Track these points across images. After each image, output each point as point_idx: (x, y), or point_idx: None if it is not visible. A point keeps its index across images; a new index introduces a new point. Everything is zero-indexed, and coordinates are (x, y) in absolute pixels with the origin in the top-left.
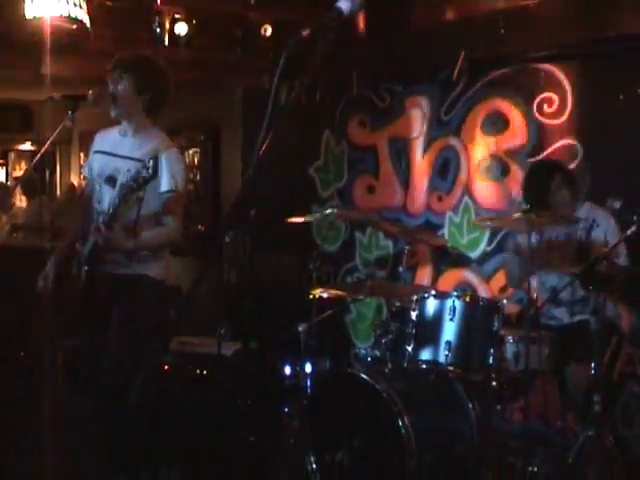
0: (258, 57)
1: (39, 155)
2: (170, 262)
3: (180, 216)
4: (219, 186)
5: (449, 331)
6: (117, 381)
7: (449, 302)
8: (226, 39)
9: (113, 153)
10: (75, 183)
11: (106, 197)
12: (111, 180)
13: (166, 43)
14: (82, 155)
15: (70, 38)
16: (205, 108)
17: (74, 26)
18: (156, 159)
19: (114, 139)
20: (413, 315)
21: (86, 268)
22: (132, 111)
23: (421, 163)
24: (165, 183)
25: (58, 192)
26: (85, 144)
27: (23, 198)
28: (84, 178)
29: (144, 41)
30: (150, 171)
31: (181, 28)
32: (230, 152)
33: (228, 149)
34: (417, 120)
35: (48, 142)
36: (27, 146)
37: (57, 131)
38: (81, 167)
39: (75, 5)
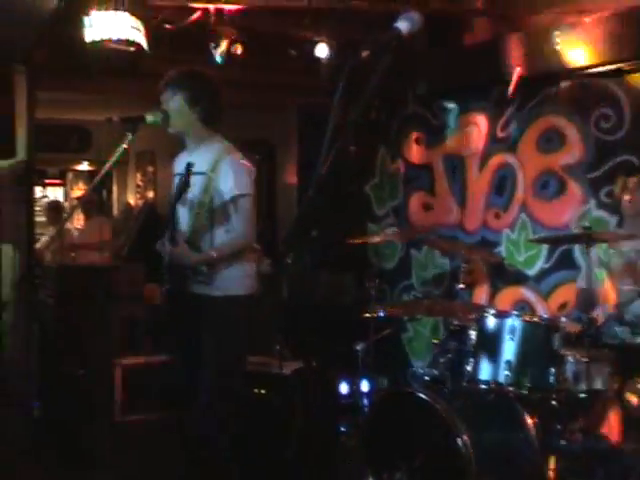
0: (313, 76)
1: (99, 177)
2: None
3: (251, 220)
4: (274, 206)
5: (509, 350)
6: (210, 409)
7: (509, 321)
8: (281, 59)
9: (182, 172)
10: (132, 202)
11: (182, 217)
12: (185, 199)
13: (222, 64)
14: (138, 175)
15: (128, 61)
16: (260, 128)
17: (132, 49)
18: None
19: (183, 159)
20: (472, 334)
21: (167, 287)
22: (188, 125)
23: (477, 180)
24: (232, 188)
25: (115, 211)
26: (141, 164)
27: (81, 217)
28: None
29: (200, 62)
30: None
31: (237, 49)
32: (285, 172)
33: (283, 169)
34: (472, 137)
35: (109, 164)
36: (84, 166)
37: (117, 153)
38: (137, 186)
39: (133, 28)
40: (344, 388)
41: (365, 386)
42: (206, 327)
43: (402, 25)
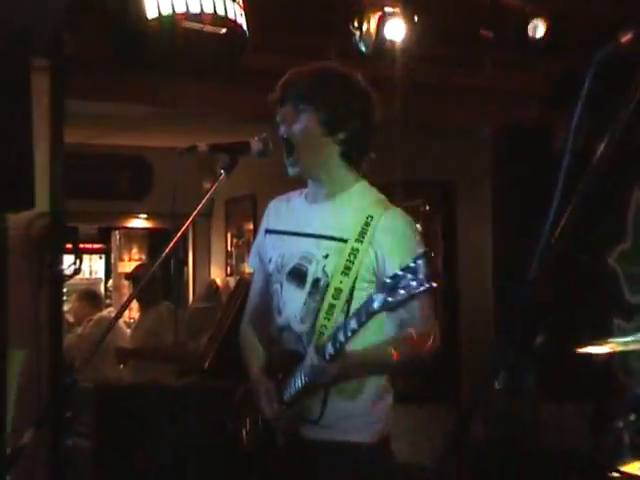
0: (520, 76)
1: (169, 248)
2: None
3: (431, 312)
4: (456, 278)
5: None
6: None
7: None
8: (470, 46)
9: (297, 232)
10: (218, 281)
11: (290, 303)
12: (298, 275)
13: (367, 55)
14: (229, 236)
15: (217, 51)
16: (432, 158)
17: (223, 30)
18: (422, 258)
19: (297, 210)
20: None
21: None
22: (322, 162)
23: None
24: (398, 262)
25: (190, 297)
26: (234, 218)
27: (135, 306)
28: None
29: (332, 54)
30: (422, 279)
31: (393, 32)
32: (472, 223)
33: (469, 219)
34: None
35: (188, 223)
36: (140, 222)
37: (201, 205)
38: (227, 253)
39: None
40: None
41: None
42: None
43: None
